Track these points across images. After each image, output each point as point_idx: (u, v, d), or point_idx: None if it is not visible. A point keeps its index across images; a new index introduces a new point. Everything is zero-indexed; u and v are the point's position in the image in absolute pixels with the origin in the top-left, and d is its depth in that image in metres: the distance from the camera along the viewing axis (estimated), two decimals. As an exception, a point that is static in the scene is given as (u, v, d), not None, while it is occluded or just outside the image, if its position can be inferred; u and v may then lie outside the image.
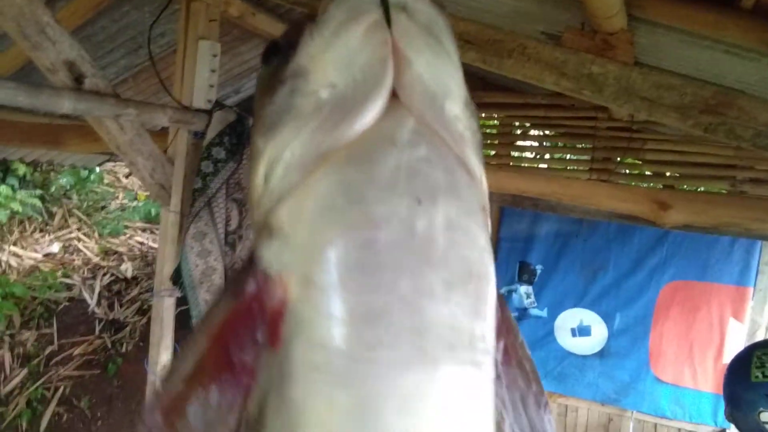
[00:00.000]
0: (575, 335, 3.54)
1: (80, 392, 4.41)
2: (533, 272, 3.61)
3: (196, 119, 2.20)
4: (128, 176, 7.24)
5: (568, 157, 3.41)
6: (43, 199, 5.95)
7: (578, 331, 3.54)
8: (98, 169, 6.32)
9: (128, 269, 5.59)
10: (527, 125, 3.65)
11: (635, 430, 3.50)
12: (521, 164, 3.58)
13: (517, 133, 3.68)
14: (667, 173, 3.23)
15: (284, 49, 0.50)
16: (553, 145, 3.82)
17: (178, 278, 2.22)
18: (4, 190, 5.41)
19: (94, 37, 2.80)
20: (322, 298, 0.44)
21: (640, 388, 3.41)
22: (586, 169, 3.22)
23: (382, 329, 0.43)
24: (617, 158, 3.18)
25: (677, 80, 1.45)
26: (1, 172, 5.55)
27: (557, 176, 3.23)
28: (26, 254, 5.48)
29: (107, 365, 4.60)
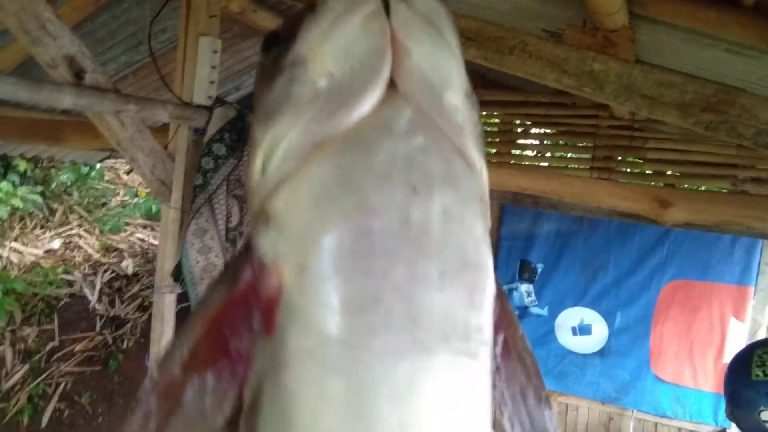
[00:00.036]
0: (576, 334, 3.54)
1: (81, 388, 4.42)
2: (534, 271, 3.61)
3: (196, 115, 2.20)
4: (129, 173, 7.24)
5: (569, 155, 3.41)
6: (43, 195, 5.95)
7: (579, 329, 3.53)
8: (99, 165, 6.31)
9: (129, 266, 5.59)
10: (528, 123, 3.64)
11: (636, 429, 3.50)
12: (522, 162, 3.57)
13: (518, 131, 3.68)
14: (668, 172, 3.23)
15: (284, 38, 0.50)
16: (554, 143, 3.81)
17: (178, 275, 2.23)
18: (5, 186, 5.42)
19: (94, 33, 2.81)
20: (316, 286, 0.44)
21: (640, 387, 3.40)
22: (587, 167, 3.21)
23: (376, 318, 0.43)
24: (618, 157, 3.18)
25: (678, 78, 1.45)
26: (2, 168, 5.55)
27: (558, 174, 3.23)
28: (27, 250, 5.49)
29: (108, 361, 4.60)
